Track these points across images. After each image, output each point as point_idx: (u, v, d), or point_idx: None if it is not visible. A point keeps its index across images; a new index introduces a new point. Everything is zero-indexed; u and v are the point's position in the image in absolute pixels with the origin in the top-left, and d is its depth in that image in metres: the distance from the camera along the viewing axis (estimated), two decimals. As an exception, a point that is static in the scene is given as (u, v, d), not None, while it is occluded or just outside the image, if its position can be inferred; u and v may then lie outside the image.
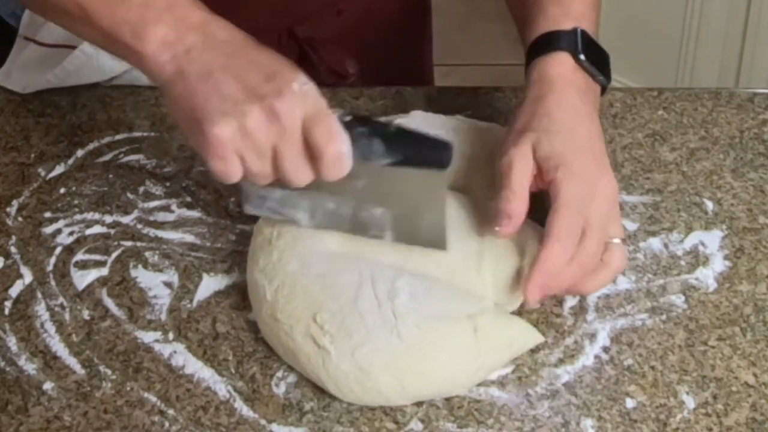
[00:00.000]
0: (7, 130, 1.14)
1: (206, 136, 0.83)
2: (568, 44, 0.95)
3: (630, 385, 0.87)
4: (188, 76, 0.84)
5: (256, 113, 0.82)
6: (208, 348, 0.90)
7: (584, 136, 0.92)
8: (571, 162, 0.89)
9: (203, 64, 0.84)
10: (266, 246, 0.92)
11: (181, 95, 0.85)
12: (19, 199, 1.05)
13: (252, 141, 0.83)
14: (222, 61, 0.85)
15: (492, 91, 1.18)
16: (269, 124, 0.83)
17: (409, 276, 0.88)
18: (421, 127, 1.04)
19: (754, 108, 1.16)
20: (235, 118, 0.82)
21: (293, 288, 0.88)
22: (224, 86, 0.83)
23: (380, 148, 0.86)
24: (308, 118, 0.83)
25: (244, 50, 0.86)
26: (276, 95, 0.83)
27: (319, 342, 0.85)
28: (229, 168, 0.84)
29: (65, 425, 0.84)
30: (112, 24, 0.86)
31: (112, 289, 0.95)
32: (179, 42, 0.85)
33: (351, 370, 0.84)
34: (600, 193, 0.89)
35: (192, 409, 0.85)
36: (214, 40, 0.86)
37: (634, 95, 1.18)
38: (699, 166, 1.08)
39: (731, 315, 0.93)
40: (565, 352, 0.89)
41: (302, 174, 0.85)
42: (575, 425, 0.84)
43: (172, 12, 0.86)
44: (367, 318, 0.85)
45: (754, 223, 1.01)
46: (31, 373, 0.88)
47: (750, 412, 0.85)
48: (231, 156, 0.84)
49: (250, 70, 0.84)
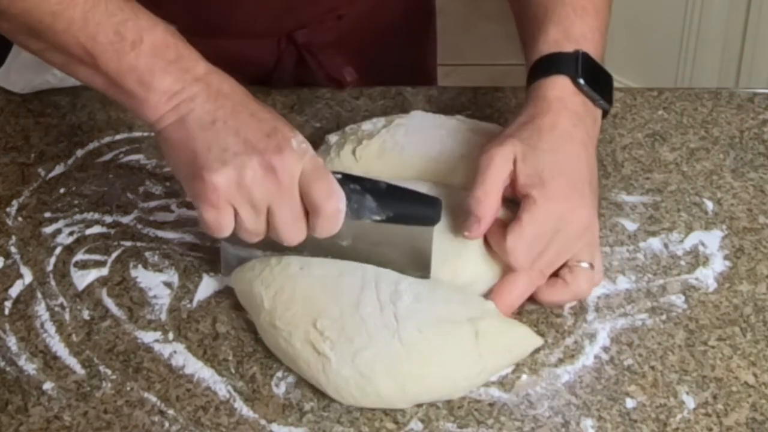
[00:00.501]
0: (7, 130, 1.14)
1: (203, 183, 0.84)
2: (568, 68, 0.95)
3: (630, 385, 0.87)
4: (190, 123, 0.85)
5: (254, 166, 0.84)
6: (208, 348, 0.90)
7: (568, 161, 0.91)
8: (548, 183, 0.89)
9: (206, 113, 0.85)
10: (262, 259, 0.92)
11: (181, 142, 0.86)
12: (19, 199, 1.05)
13: (248, 193, 0.84)
14: (224, 112, 0.86)
15: (492, 91, 1.18)
16: (266, 178, 0.84)
17: (413, 279, 0.89)
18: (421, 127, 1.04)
19: (754, 108, 1.16)
20: (233, 169, 0.83)
21: (293, 293, 0.88)
22: (225, 137, 0.85)
23: (372, 204, 0.87)
24: (306, 174, 0.85)
25: (246, 104, 0.87)
26: (275, 151, 0.84)
27: (319, 348, 0.85)
28: (222, 218, 0.85)
29: (65, 425, 0.84)
30: (119, 71, 0.86)
31: (112, 289, 0.95)
32: (183, 92, 0.86)
33: (351, 375, 0.84)
34: (570, 221, 0.89)
35: (192, 409, 0.85)
36: (217, 91, 0.87)
37: (634, 95, 1.18)
38: (699, 166, 1.08)
39: (731, 315, 0.93)
40: (565, 352, 0.89)
41: (296, 231, 0.86)
42: (575, 425, 0.84)
43: (179, 63, 0.87)
44: (368, 322, 0.85)
45: (754, 223, 1.01)
46: (31, 373, 0.88)
47: (750, 412, 0.85)
48: (225, 206, 0.84)
49: (251, 124, 0.85)
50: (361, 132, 1.04)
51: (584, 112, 0.94)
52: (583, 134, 0.93)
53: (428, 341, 0.84)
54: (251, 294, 0.90)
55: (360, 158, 1.01)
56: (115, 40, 0.86)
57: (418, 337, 0.84)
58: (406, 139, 1.02)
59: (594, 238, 0.93)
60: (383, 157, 1.01)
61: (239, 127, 0.85)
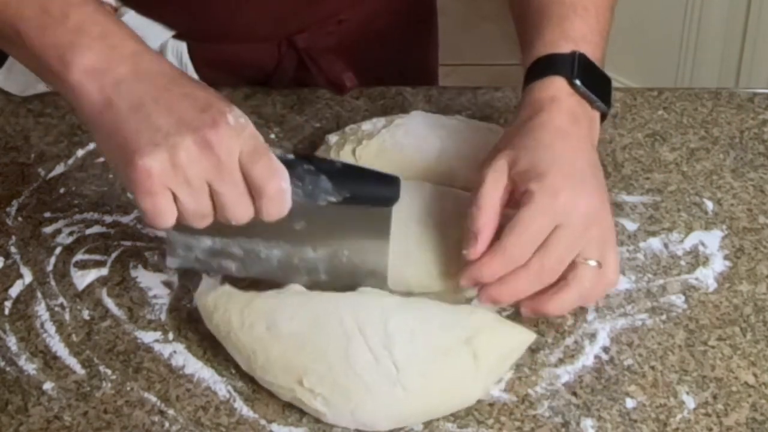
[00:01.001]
0: (7, 130, 1.14)
1: (135, 169, 0.78)
2: (564, 68, 0.92)
3: (630, 385, 0.87)
4: (118, 107, 0.80)
5: (188, 144, 0.79)
6: (208, 348, 0.90)
7: (564, 154, 0.88)
8: (545, 174, 0.86)
9: (134, 95, 0.80)
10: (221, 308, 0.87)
11: (110, 127, 0.80)
12: (19, 199, 1.05)
13: (184, 175, 0.79)
14: (154, 93, 0.81)
15: (492, 91, 1.18)
16: (202, 155, 0.79)
17: (398, 311, 0.85)
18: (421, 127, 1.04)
19: (754, 108, 1.16)
20: (166, 150, 0.78)
21: (266, 358, 0.83)
22: (156, 117, 0.79)
23: (327, 185, 0.83)
24: (246, 154, 0.80)
25: (178, 83, 0.82)
26: (210, 126, 0.79)
27: (311, 405, 0.82)
28: (159, 205, 0.79)
29: (65, 425, 0.84)
30: (41, 47, 0.82)
31: (112, 289, 0.95)
32: (108, 72, 0.81)
33: (351, 423, 0.82)
34: (571, 213, 0.85)
35: (192, 409, 0.85)
36: (146, 71, 0.82)
37: (634, 95, 1.18)
38: (699, 166, 1.08)
39: (731, 315, 0.93)
40: (565, 352, 0.89)
41: (243, 209, 0.81)
42: (575, 425, 0.84)
43: (104, 40, 0.82)
44: (364, 376, 0.81)
45: (754, 223, 1.01)
46: (31, 373, 0.88)
47: (750, 412, 0.85)
48: (162, 191, 0.79)
49: (183, 102, 0.80)
50: (361, 132, 1.04)
51: (581, 114, 0.92)
52: (579, 134, 0.91)
53: (431, 380, 0.82)
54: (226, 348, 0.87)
55: (360, 158, 1.01)
56: (41, 16, 0.82)
57: (421, 380, 0.82)
58: (406, 139, 1.02)
59: (604, 233, 0.88)
60: (383, 157, 1.01)
61: (171, 106, 0.80)
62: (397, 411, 0.82)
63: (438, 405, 0.83)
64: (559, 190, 0.86)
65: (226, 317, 0.86)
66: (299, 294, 0.88)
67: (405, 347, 0.82)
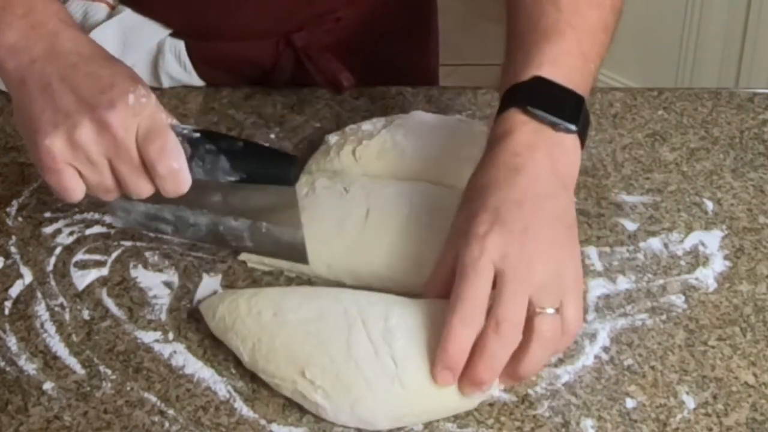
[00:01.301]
0: (7, 130, 1.14)
1: (38, 148, 0.82)
2: (520, 97, 0.87)
3: (630, 385, 0.87)
4: (29, 86, 0.83)
5: (86, 123, 0.81)
6: (208, 348, 0.90)
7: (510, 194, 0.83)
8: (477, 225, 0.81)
9: (43, 74, 0.83)
10: (228, 298, 0.89)
11: (21, 105, 0.84)
12: (19, 199, 1.05)
13: (83, 153, 0.82)
14: (61, 72, 0.83)
15: (492, 91, 1.18)
16: (100, 134, 0.82)
17: (400, 307, 0.85)
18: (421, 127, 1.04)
19: (754, 108, 1.16)
20: (65, 130, 0.81)
21: (271, 345, 0.84)
22: (60, 97, 0.82)
23: (225, 165, 0.85)
24: (142, 133, 0.82)
25: (87, 62, 0.84)
26: (108, 107, 0.82)
27: (311, 398, 0.82)
28: (63, 181, 0.83)
29: (65, 425, 0.84)
30: None
31: (112, 289, 0.95)
32: (26, 50, 0.84)
33: (350, 419, 0.82)
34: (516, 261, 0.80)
35: (192, 409, 0.85)
36: (59, 51, 0.84)
37: (634, 95, 1.18)
38: (699, 166, 1.08)
39: (731, 315, 0.93)
40: (565, 352, 0.89)
41: (141, 186, 0.84)
42: (575, 425, 0.84)
43: (28, 18, 0.84)
44: (365, 369, 0.81)
45: (754, 223, 1.01)
46: (31, 373, 0.88)
47: (750, 412, 0.85)
48: (64, 168, 0.82)
49: (86, 82, 0.83)
50: (361, 132, 1.04)
51: (539, 141, 0.86)
52: (535, 164, 0.84)
53: (429, 378, 0.81)
54: (228, 342, 0.87)
55: (360, 158, 1.01)
56: None
57: (419, 377, 0.81)
58: (406, 139, 1.02)
59: (563, 277, 0.81)
60: (383, 158, 1.01)
61: (75, 85, 0.82)
62: (397, 409, 0.82)
63: (438, 405, 0.83)
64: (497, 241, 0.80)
65: (233, 306, 0.88)
66: (307, 287, 0.90)
67: (404, 343, 0.82)
